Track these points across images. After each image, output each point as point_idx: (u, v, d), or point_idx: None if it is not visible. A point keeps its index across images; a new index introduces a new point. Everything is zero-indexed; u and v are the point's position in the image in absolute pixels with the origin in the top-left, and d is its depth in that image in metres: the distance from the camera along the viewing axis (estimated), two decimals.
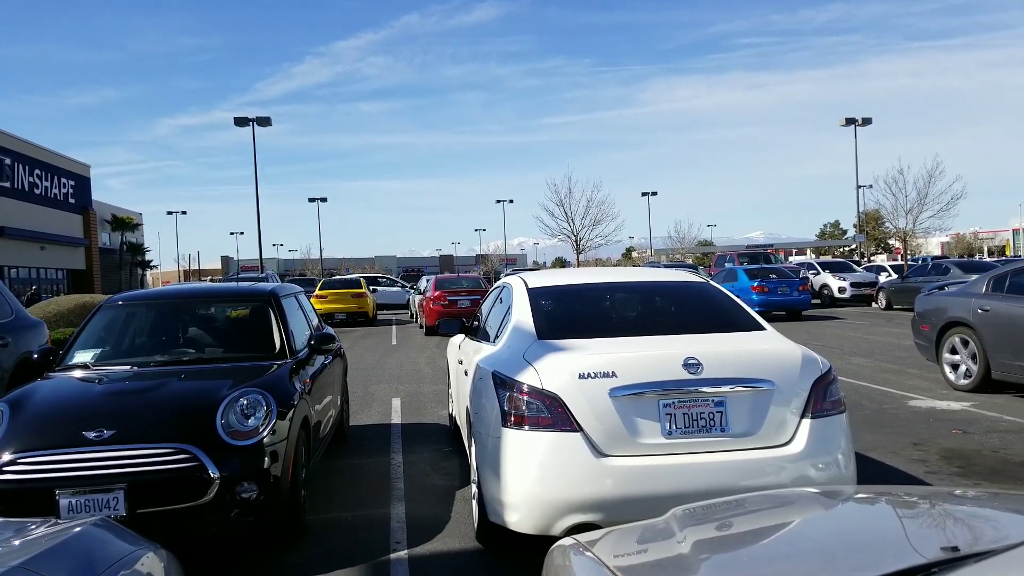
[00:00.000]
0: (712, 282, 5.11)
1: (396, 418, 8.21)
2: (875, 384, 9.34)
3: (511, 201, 75.16)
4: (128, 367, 5.05)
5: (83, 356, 5.22)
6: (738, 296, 4.98)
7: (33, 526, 2.27)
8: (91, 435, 3.96)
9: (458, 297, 19.11)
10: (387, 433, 7.44)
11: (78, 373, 4.98)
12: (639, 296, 5.05)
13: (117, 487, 3.83)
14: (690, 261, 48.84)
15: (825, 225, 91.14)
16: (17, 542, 2.08)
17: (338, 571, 4.08)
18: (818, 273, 26.06)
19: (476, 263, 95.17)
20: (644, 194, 62.87)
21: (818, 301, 24.55)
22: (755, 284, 20.02)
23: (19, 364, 6.77)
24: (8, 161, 35.04)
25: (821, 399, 3.81)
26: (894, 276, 25.69)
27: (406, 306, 28.27)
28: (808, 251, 70.26)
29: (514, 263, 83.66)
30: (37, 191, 37.98)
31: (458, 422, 6.16)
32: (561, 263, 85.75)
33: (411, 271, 44.20)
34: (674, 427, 3.65)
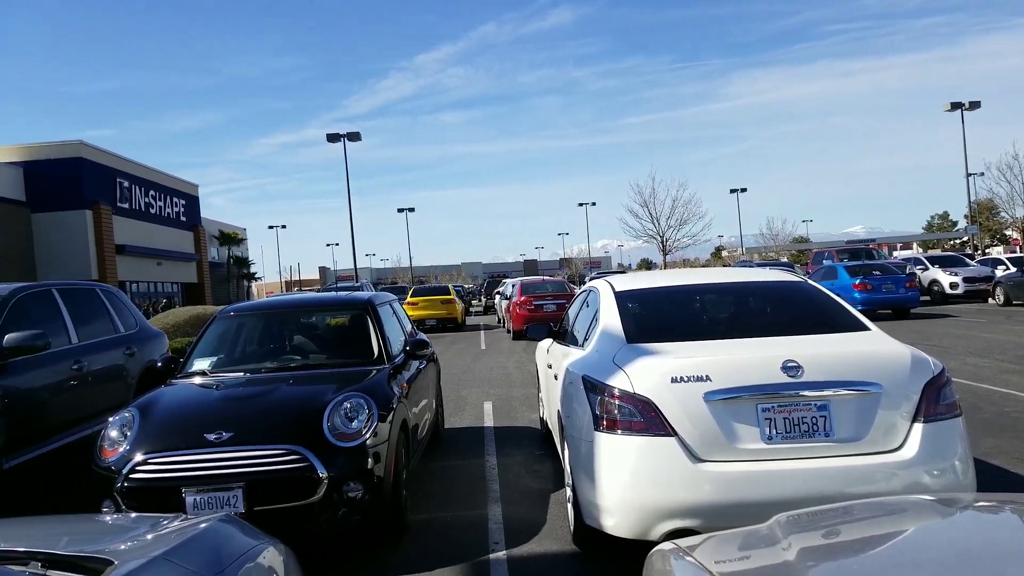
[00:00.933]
0: (810, 281, 4.98)
1: (488, 421, 8.35)
2: (995, 386, 8.80)
3: (593, 204, 74.93)
4: (242, 373, 5.37)
5: (201, 364, 5.58)
6: (839, 295, 4.82)
7: (165, 521, 2.47)
8: (212, 437, 4.24)
9: (544, 301, 19.20)
10: (480, 436, 7.59)
11: (197, 380, 5.32)
12: (731, 297, 4.98)
13: (236, 485, 4.09)
14: (785, 259, 47.26)
15: (932, 217, 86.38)
16: (152, 536, 2.27)
17: (439, 570, 4.21)
18: (926, 268, 24.69)
19: (560, 267, 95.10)
20: (732, 191, 61.28)
21: (927, 298, 23.25)
22: (857, 282, 19.16)
23: (144, 372, 7.28)
24: (126, 184, 37.54)
25: (934, 402, 3.65)
26: (1013, 269, 23.97)
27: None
28: (914, 245, 66.79)
29: (598, 266, 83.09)
30: (152, 211, 40.49)
31: (549, 425, 6.22)
32: (647, 265, 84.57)
33: (497, 276, 44.61)
34: (774, 432, 3.59)
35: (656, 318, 4.59)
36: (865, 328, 4.19)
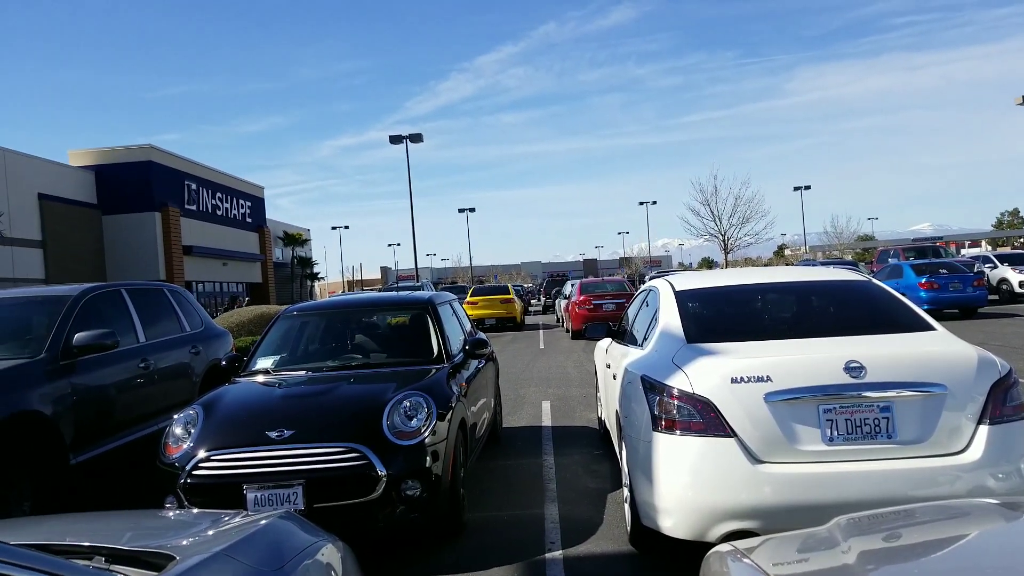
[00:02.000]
0: (874, 280, 4.84)
1: (546, 421, 8.35)
2: None
3: (654, 203, 73.96)
4: (303, 372, 5.48)
5: (264, 363, 5.72)
6: (904, 294, 4.68)
7: (226, 518, 2.54)
8: (273, 435, 4.34)
9: (603, 301, 19.11)
10: (538, 435, 7.59)
11: (260, 378, 5.46)
12: (793, 297, 4.86)
13: (296, 483, 4.18)
14: (849, 258, 45.93)
15: (1003, 214, 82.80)
16: (214, 532, 2.33)
17: (495, 568, 4.23)
18: (995, 266, 23.72)
19: (620, 266, 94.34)
20: (796, 188, 59.82)
21: (995, 297, 22.32)
22: (923, 280, 18.55)
23: (209, 370, 7.50)
24: (193, 186, 38.82)
25: (1000, 404, 3.53)
26: None
27: None
28: (983, 243, 64.17)
29: (658, 265, 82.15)
30: (219, 212, 41.76)
31: (607, 425, 6.19)
32: (708, 264, 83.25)
33: (556, 276, 44.53)
34: (836, 433, 3.50)
35: (716, 318, 4.52)
36: (930, 328, 4.06)
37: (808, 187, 59.62)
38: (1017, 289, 22.54)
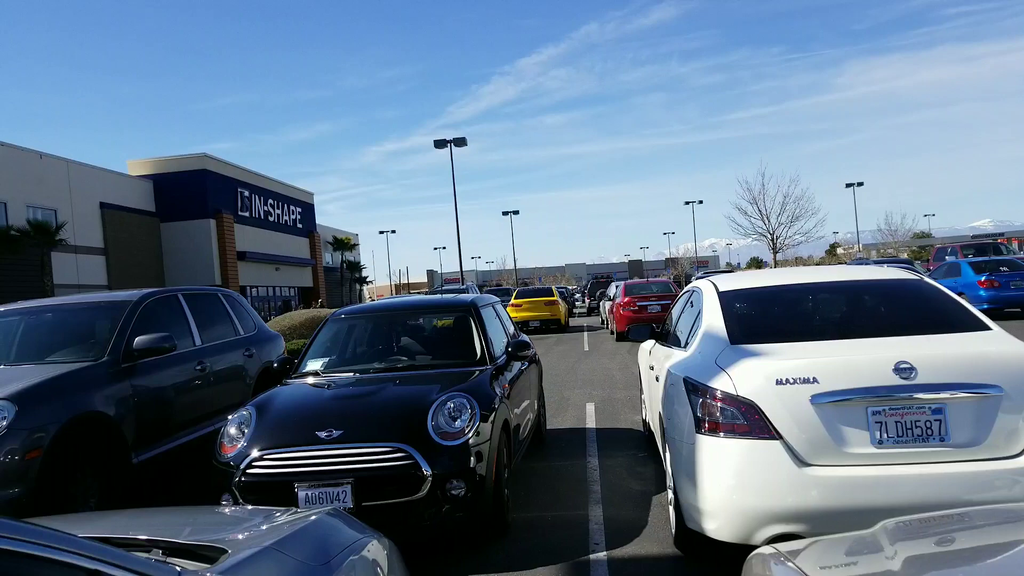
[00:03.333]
0: (926, 278, 4.72)
1: (590, 423, 8.34)
2: None
3: (700, 202, 72.98)
4: (351, 374, 5.60)
5: (314, 364, 5.86)
6: (962, 293, 4.58)
7: (278, 514, 2.63)
8: (323, 435, 4.45)
9: (647, 302, 18.96)
10: (582, 437, 7.59)
11: (310, 380, 5.59)
12: (840, 296, 4.78)
13: (345, 481, 4.28)
14: (904, 256, 44.67)
15: None
16: (264, 527, 2.42)
17: (539, 568, 4.26)
18: None
19: (665, 267, 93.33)
20: (848, 185, 58.48)
21: None
22: (983, 279, 17.91)
23: (262, 372, 7.71)
24: (246, 193, 39.78)
25: None
26: None
27: None
28: None
29: (705, 265, 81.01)
30: (271, 218, 42.72)
31: (652, 427, 6.16)
32: (757, 264, 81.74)
33: (600, 277, 44.34)
34: (885, 436, 3.44)
35: (760, 318, 4.48)
36: (985, 327, 3.96)
37: (861, 183, 58.27)
38: None
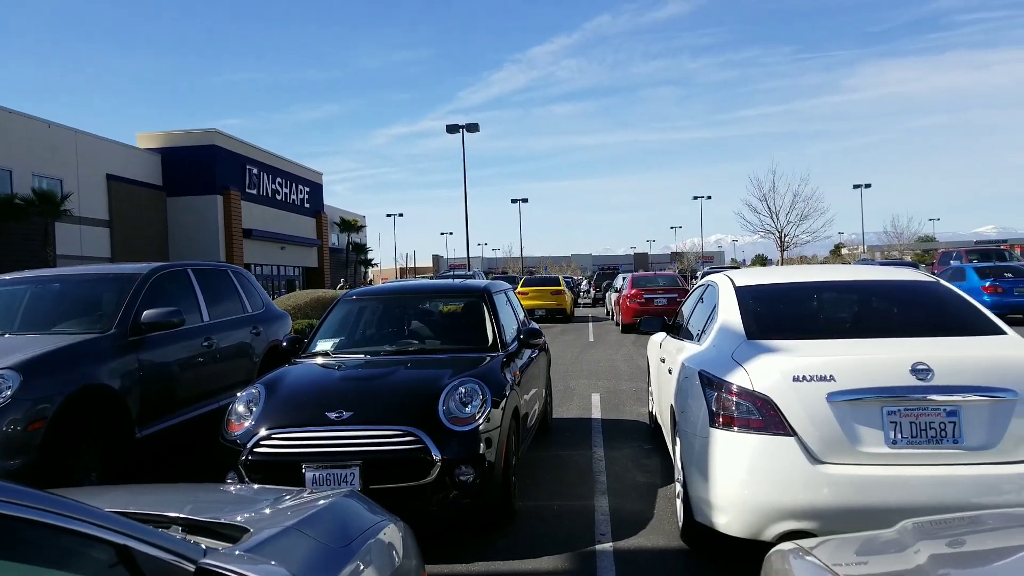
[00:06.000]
0: (942, 281, 4.70)
1: (596, 413, 8.34)
2: None
3: (708, 197, 72.69)
4: (362, 356, 5.58)
5: (324, 345, 5.84)
6: None
7: (294, 494, 2.61)
8: (332, 416, 4.43)
9: (655, 295, 18.94)
10: (588, 427, 7.59)
11: (319, 360, 5.57)
12: (857, 296, 4.76)
13: (354, 463, 4.26)
14: (908, 259, 44.57)
15: None
16: (283, 507, 2.41)
17: (545, 557, 4.25)
18: None
19: (671, 261, 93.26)
20: (856, 186, 58.25)
21: None
22: (987, 284, 17.90)
23: (268, 351, 7.69)
24: (254, 171, 39.70)
25: None
26: None
27: None
28: None
29: (711, 261, 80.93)
30: (278, 197, 42.63)
31: (659, 420, 6.15)
32: (762, 260, 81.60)
33: (606, 269, 44.30)
34: (899, 436, 3.43)
35: (777, 315, 4.45)
36: (1001, 332, 3.95)
37: (868, 185, 58.04)
38: None
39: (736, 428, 3.62)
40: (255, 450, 4.39)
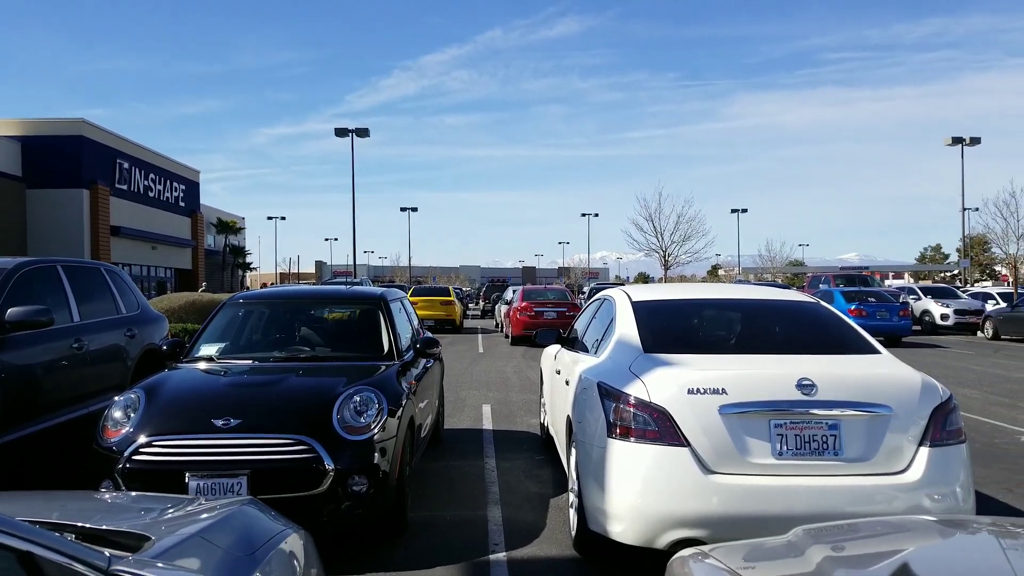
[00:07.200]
0: (823, 303, 5.01)
1: (487, 424, 8.35)
2: (984, 417, 8.88)
3: (596, 215, 74.79)
4: (249, 361, 5.34)
5: (208, 349, 5.55)
6: None
7: (182, 503, 2.46)
8: (219, 423, 4.21)
9: (544, 308, 19.24)
10: (479, 438, 7.58)
11: (203, 365, 5.29)
12: (748, 314, 5.00)
13: (241, 473, 4.06)
14: (780, 281, 47.44)
15: (925, 248, 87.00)
16: (181, 514, 2.27)
17: (440, 568, 4.20)
18: (919, 298, 24.88)
19: (558, 275, 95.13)
20: (734, 211, 61.52)
21: (918, 328, 23.41)
22: (853, 307, 19.30)
23: (144, 354, 7.23)
24: (126, 165, 37.34)
25: (941, 428, 3.70)
26: (1003, 304, 24.29)
27: None
28: (906, 275, 67.36)
29: (596, 277, 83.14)
30: (151, 194, 40.26)
31: (552, 431, 6.22)
32: (644, 279, 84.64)
33: (496, 281, 44.68)
34: (785, 448, 3.61)
35: (673, 329, 4.60)
36: (877, 351, 4.24)
37: (745, 210, 61.39)
38: (939, 321, 23.66)
39: (633, 438, 3.71)
40: (134, 458, 4.12)
